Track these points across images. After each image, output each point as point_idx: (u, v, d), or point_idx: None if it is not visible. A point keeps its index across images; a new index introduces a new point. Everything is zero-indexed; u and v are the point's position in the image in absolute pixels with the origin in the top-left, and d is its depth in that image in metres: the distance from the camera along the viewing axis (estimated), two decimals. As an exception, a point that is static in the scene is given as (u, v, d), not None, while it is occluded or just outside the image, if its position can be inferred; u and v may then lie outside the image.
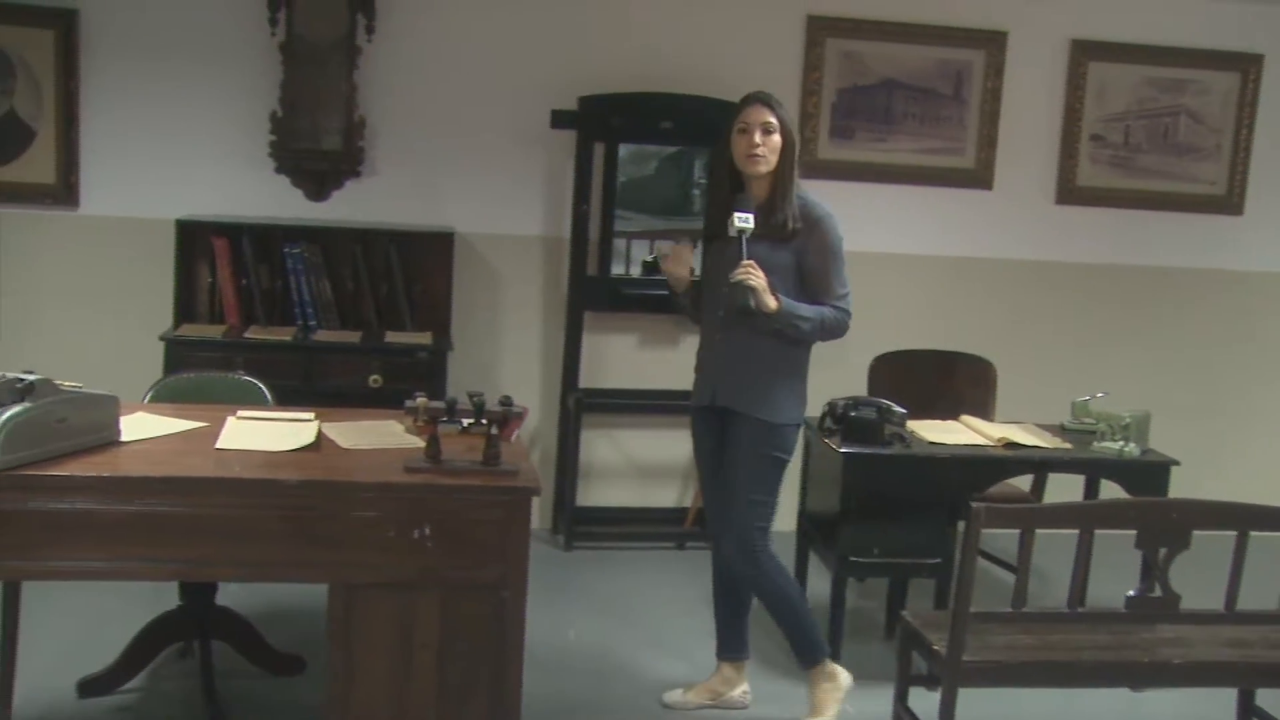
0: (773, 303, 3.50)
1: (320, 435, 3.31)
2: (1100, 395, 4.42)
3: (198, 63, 5.16)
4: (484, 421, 3.05)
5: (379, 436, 3.35)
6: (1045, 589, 5.00)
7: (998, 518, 3.09)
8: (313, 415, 3.49)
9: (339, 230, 5.18)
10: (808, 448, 4.43)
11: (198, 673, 3.70)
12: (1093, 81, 5.79)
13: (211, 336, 4.86)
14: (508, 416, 3.08)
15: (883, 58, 5.63)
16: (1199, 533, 3.16)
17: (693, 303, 3.81)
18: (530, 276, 5.53)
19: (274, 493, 2.91)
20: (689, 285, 3.76)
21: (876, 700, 3.84)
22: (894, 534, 4.04)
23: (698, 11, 5.46)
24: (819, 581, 4.44)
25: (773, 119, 3.57)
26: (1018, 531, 3.18)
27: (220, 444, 3.15)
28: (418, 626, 2.99)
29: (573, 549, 5.36)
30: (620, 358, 5.62)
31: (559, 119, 5.22)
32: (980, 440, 4.22)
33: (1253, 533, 3.24)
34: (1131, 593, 3.27)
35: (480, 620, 3.00)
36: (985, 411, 4.81)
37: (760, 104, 3.59)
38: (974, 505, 3.06)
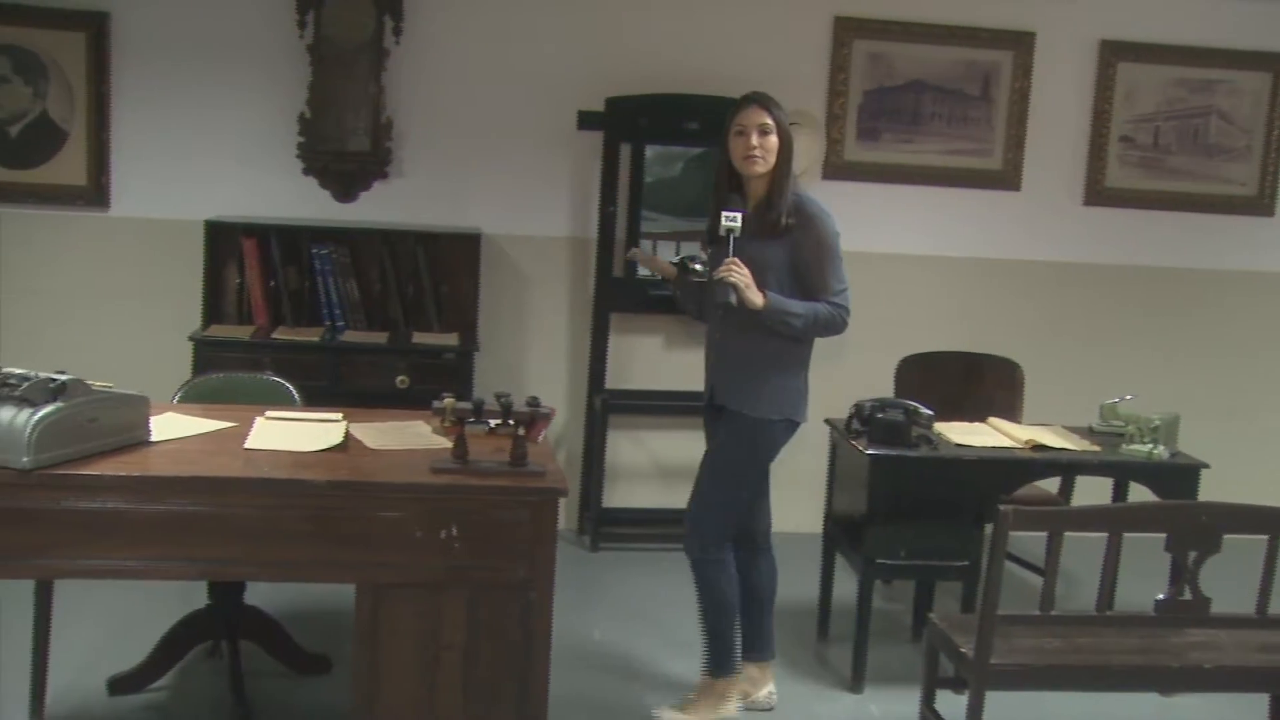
0: (758, 299, 3.51)
1: (348, 436, 3.33)
2: (1129, 397, 4.39)
3: (227, 65, 5.21)
4: (511, 422, 3.06)
5: (406, 437, 3.36)
6: (1073, 592, 4.97)
7: (1026, 520, 3.08)
8: (340, 416, 3.51)
9: (366, 231, 5.21)
10: (834, 449, 4.41)
11: (226, 671, 3.73)
12: (1122, 82, 5.75)
13: (240, 337, 4.89)
14: (535, 417, 3.09)
15: (910, 59, 5.61)
16: (1229, 536, 3.14)
17: (697, 302, 3.84)
18: (556, 277, 5.54)
19: (302, 493, 2.92)
20: (676, 274, 3.77)
21: (903, 703, 3.83)
22: (921, 536, 4.02)
23: (725, 13, 5.45)
24: (845, 583, 4.42)
25: (769, 120, 3.58)
26: (1045, 534, 3.17)
27: (249, 444, 3.16)
28: (444, 627, 3.00)
29: (599, 550, 5.37)
30: (646, 359, 5.62)
31: (586, 120, 5.25)
32: (1007, 442, 4.20)
33: (1284, 537, 3.21)
34: (1161, 596, 3.24)
35: (507, 621, 3.01)
36: (1013, 413, 4.78)
37: (756, 105, 3.60)
38: (1002, 507, 3.05)
